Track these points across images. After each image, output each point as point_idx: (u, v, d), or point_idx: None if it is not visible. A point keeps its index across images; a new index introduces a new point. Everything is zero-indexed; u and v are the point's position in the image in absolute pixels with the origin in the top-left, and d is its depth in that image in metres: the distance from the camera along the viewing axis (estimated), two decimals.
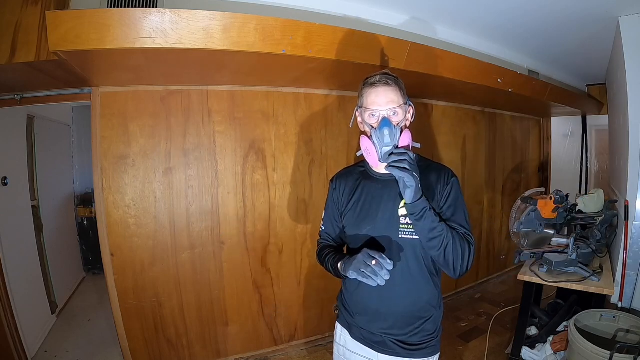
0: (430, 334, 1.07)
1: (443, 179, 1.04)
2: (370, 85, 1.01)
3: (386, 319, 1.06)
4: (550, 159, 4.52)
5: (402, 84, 1.03)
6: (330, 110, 2.41)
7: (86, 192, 4.04)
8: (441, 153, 3.07)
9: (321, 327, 2.53)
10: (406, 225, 1.01)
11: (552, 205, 2.06)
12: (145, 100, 1.97)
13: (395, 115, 0.99)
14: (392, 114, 0.98)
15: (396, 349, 1.06)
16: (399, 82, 1.02)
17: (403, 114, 1.01)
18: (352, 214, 1.10)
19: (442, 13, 2.21)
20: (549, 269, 1.90)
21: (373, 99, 0.99)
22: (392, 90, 0.99)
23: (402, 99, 1.01)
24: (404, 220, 1.01)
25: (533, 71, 3.17)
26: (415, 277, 1.04)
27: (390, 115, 0.98)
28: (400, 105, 1.00)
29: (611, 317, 1.79)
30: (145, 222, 2.02)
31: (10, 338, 2.11)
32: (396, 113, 0.99)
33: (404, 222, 1.01)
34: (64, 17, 1.23)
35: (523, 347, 2.08)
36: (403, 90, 1.03)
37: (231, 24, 1.39)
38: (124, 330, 2.02)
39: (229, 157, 2.16)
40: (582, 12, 2.10)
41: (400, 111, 1.00)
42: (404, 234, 1.01)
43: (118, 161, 1.94)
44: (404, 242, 1.02)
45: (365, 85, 1.03)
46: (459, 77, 2.16)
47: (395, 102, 0.99)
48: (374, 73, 1.03)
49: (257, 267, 2.28)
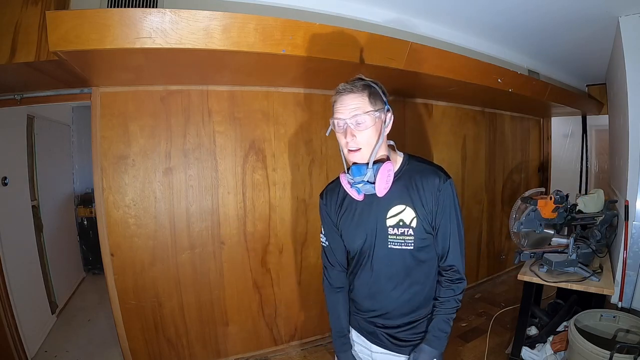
0: (421, 332, 1.08)
1: (438, 184, 0.99)
2: (336, 93, 0.98)
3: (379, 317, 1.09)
4: (550, 159, 4.52)
5: (375, 89, 0.97)
6: (330, 110, 2.40)
7: (86, 192, 4.04)
8: (441, 153, 3.07)
9: (321, 327, 2.53)
10: (394, 235, 1.01)
11: (552, 205, 2.06)
12: (145, 100, 1.97)
13: (362, 123, 0.93)
14: (358, 122, 0.93)
15: (386, 343, 1.09)
16: (371, 88, 0.96)
17: (372, 121, 0.94)
18: (345, 227, 1.10)
19: (442, 13, 2.21)
20: (549, 269, 1.90)
21: (337, 107, 0.96)
22: (356, 97, 0.94)
23: (370, 106, 0.94)
24: (391, 231, 1.01)
25: (533, 71, 3.17)
26: (406, 283, 1.04)
27: (355, 124, 0.93)
28: (367, 112, 0.93)
29: (611, 317, 1.79)
30: (145, 222, 2.02)
31: (10, 338, 2.11)
32: (360, 122, 0.93)
33: (392, 233, 1.01)
34: (64, 17, 1.23)
35: (523, 347, 2.08)
36: (376, 96, 0.96)
37: (231, 24, 1.39)
38: (124, 330, 2.02)
39: (229, 157, 2.16)
40: (582, 12, 2.10)
41: (367, 118, 0.93)
42: (392, 244, 1.02)
43: (118, 161, 1.94)
44: (393, 251, 1.02)
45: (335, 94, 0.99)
46: (459, 77, 2.16)
47: (360, 109, 0.93)
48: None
49: (257, 267, 2.28)
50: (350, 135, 0.94)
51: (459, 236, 1.02)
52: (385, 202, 1.01)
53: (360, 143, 0.95)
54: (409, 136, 2.83)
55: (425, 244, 1.02)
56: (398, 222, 1.01)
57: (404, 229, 1.00)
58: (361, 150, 0.96)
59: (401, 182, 1.02)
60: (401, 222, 1.00)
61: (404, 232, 1.00)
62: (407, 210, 1.00)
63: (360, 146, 0.95)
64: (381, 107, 0.97)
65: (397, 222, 1.01)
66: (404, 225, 1.00)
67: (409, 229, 1.00)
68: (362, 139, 0.94)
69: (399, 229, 1.01)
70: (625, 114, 2.03)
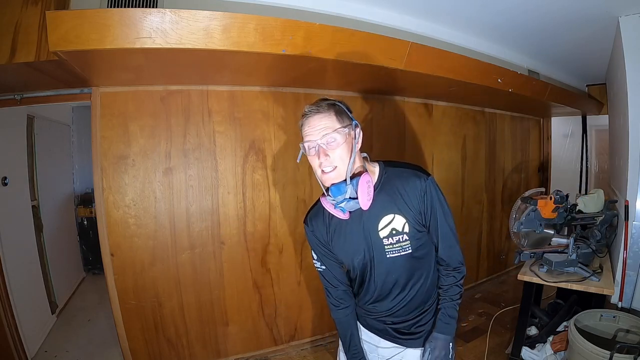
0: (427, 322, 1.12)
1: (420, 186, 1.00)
2: (302, 116, 0.99)
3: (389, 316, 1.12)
4: (550, 159, 4.51)
5: (340, 107, 0.98)
6: None
7: (86, 192, 4.04)
8: (441, 153, 3.07)
9: (321, 327, 2.53)
10: (390, 245, 1.02)
11: (552, 205, 2.06)
12: (145, 100, 1.97)
13: (333, 142, 0.93)
14: (328, 141, 0.93)
15: (395, 337, 1.12)
16: (336, 107, 0.98)
17: (343, 138, 0.94)
18: (339, 248, 1.09)
19: (442, 13, 2.21)
20: (549, 269, 1.90)
21: (305, 130, 0.96)
22: (323, 117, 0.95)
23: (338, 123, 0.95)
24: (386, 242, 1.02)
25: (533, 71, 3.17)
26: (410, 284, 1.07)
27: (326, 144, 0.93)
28: (337, 130, 0.94)
29: (611, 317, 1.79)
30: (145, 222, 2.02)
31: (10, 338, 2.11)
32: (332, 139, 0.93)
33: (387, 243, 1.02)
34: (64, 17, 1.23)
35: (523, 347, 2.08)
36: (342, 113, 0.97)
37: (231, 24, 1.39)
38: (124, 330, 2.02)
39: (229, 157, 2.16)
40: (582, 12, 2.10)
41: (338, 136, 0.94)
42: (390, 253, 1.03)
43: (118, 161, 1.94)
44: (393, 259, 1.04)
45: (301, 118, 1.00)
46: (459, 77, 2.16)
47: (329, 127, 0.94)
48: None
49: (257, 267, 2.28)
50: (324, 155, 0.94)
51: (449, 227, 1.04)
52: (374, 214, 1.01)
53: (334, 161, 0.94)
54: (408, 136, 2.83)
55: (421, 242, 1.04)
56: (391, 231, 1.01)
57: (398, 236, 1.01)
58: (337, 168, 0.95)
59: (384, 192, 1.02)
60: (394, 231, 1.01)
61: (399, 239, 1.01)
62: (396, 218, 1.00)
63: (335, 164, 0.95)
64: (349, 123, 0.98)
65: (390, 232, 1.01)
66: (397, 233, 1.01)
67: (403, 235, 1.01)
68: (335, 157, 0.94)
69: (394, 238, 1.01)
70: (625, 114, 2.03)
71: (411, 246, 1.02)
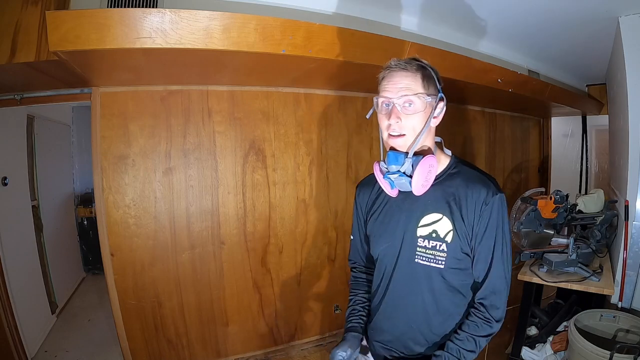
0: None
1: (485, 196, 0.83)
2: (385, 69, 0.88)
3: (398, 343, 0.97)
4: (550, 159, 4.51)
5: (429, 72, 0.87)
6: (330, 110, 2.41)
7: (86, 192, 4.04)
8: None
9: (321, 327, 2.53)
10: (423, 249, 0.87)
11: (552, 205, 2.06)
12: (145, 100, 1.97)
13: (410, 106, 0.83)
14: (406, 104, 0.83)
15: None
16: (425, 70, 0.86)
17: (422, 106, 0.83)
18: (372, 227, 0.98)
19: (442, 13, 2.21)
20: (549, 269, 1.90)
21: (384, 84, 0.86)
22: (408, 76, 0.84)
23: (422, 88, 0.84)
24: (421, 243, 0.87)
25: (533, 71, 3.17)
26: (431, 310, 0.89)
27: (403, 105, 0.83)
28: (418, 95, 0.83)
29: (611, 317, 1.79)
30: (145, 222, 2.01)
31: (10, 338, 2.11)
32: (410, 103, 0.83)
33: (422, 245, 0.87)
34: (64, 17, 1.23)
35: (523, 347, 2.08)
36: (429, 80, 0.86)
37: (231, 24, 1.39)
38: (124, 330, 2.02)
39: (229, 157, 2.16)
40: (582, 12, 2.10)
41: (418, 102, 0.83)
42: (420, 258, 0.88)
43: (118, 161, 1.94)
44: (419, 267, 0.88)
45: (383, 70, 0.89)
46: (459, 77, 2.15)
47: (410, 89, 0.83)
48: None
49: (257, 267, 2.28)
50: (395, 117, 0.83)
51: (503, 265, 0.84)
52: (421, 206, 0.88)
53: (404, 128, 0.83)
54: None
55: (458, 266, 0.87)
56: (431, 232, 0.87)
57: (437, 242, 0.86)
58: (405, 136, 0.84)
59: (442, 187, 0.88)
60: (434, 234, 0.86)
61: (435, 245, 0.86)
62: (443, 220, 0.86)
63: (404, 132, 0.84)
64: (434, 93, 0.86)
65: (430, 233, 0.87)
66: (437, 237, 0.86)
67: (443, 244, 0.85)
68: (407, 123, 0.83)
69: (430, 242, 0.86)
70: (625, 114, 2.03)
71: (445, 262, 0.86)
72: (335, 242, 2.51)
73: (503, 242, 0.84)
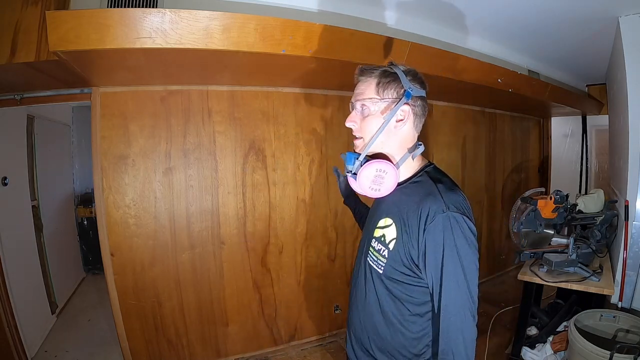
0: None
1: (428, 211, 0.78)
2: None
3: (357, 341, 0.98)
4: (550, 159, 4.51)
5: (391, 77, 0.85)
6: (330, 110, 2.41)
7: (86, 192, 4.04)
8: (441, 153, 3.07)
9: (321, 327, 2.53)
10: (373, 250, 0.88)
11: (552, 205, 2.06)
12: (145, 100, 1.97)
13: (363, 109, 0.87)
14: (361, 108, 0.87)
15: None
16: (385, 76, 0.85)
17: (374, 111, 0.85)
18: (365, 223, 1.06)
19: (442, 13, 2.21)
20: (549, 269, 1.90)
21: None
22: (364, 82, 0.88)
23: (374, 94, 0.85)
24: (373, 244, 0.89)
25: (533, 71, 3.17)
26: (375, 313, 0.89)
27: (361, 110, 0.87)
28: (370, 99, 0.85)
29: (611, 317, 1.79)
30: (145, 222, 2.02)
31: (10, 338, 2.11)
32: (364, 107, 0.87)
33: (373, 246, 0.89)
34: (64, 17, 1.23)
35: (523, 347, 2.08)
36: (387, 85, 0.85)
37: (231, 24, 1.39)
38: (124, 330, 2.02)
39: (229, 157, 2.16)
40: (582, 12, 2.10)
41: (370, 106, 0.85)
42: (370, 258, 0.90)
43: (118, 161, 1.94)
44: (367, 267, 0.91)
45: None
46: (459, 77, 2.16)
47: (363, 94, 0.86)
48: None
49: (257, 267, 2.28)
50: (351, 120, 0.89)
51: (457, 287, 0.75)
52: (384, 208, 0.90)
53: (359, 131, 0.88)
54: None
55: (397, 278, 0.84)
56: (381, 236, 0.88)
57: (382, 246, 0.86)
58: (361, 139, 0.88)
59: (402, 194, 0.87)
60: (382, 238, 0.87)
61: (380, 249, 0.87)
62: (392, 227, 0.85)
63: (360, 134, 0.88)
64: (391, 97, 0.85)
65: (380, 236, 0.88)
66: (383, 242, 0.86)
67: (385, 250, 0.85)
68: (363, 127, 0.87)
69: (378, 244, 0.88)
70: (625, 114, 2.03)
71: (384, 268, 0.85)
72: (335, 242, 2.52)
73: (455, 264, 0.75)
